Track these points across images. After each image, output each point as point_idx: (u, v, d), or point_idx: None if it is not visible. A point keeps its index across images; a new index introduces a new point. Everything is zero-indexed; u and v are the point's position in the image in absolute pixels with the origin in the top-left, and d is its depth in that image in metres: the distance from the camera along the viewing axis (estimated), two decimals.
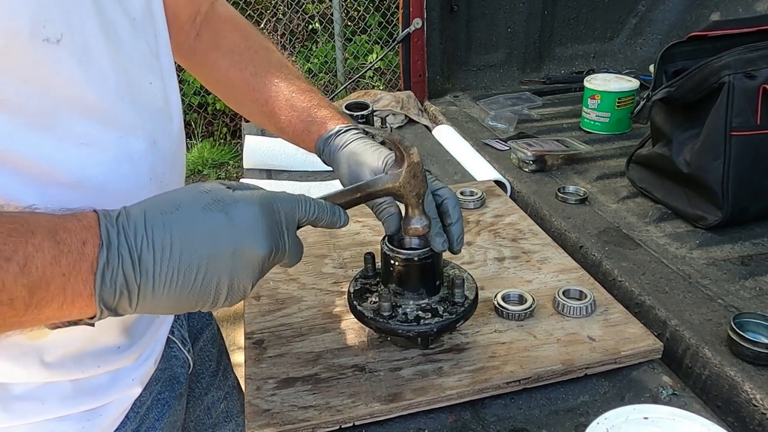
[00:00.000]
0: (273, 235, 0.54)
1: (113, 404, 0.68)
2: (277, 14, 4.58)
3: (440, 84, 1.95)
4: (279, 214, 0.56)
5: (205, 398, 0.93)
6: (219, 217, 0.52)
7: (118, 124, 0.58)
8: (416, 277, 0.75)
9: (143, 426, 0.73)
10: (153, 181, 0.62)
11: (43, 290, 0.45)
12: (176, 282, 0.50)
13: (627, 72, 1.91)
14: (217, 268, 0.51)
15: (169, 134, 0.66)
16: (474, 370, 0.75)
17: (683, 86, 1.10)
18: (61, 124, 0.54)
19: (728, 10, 1.82)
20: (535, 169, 1.36)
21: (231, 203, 0.53)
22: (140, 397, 0.72)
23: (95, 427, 0.66)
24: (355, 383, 0.74)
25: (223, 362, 0.98)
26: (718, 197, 1.05)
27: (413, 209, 0.67)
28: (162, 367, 0.77)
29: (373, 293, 0.79)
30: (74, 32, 0.52)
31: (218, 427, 0.96)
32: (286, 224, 0.57)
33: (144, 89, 0.62)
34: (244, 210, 0.53)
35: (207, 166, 4.01)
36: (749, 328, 0.81)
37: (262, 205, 0.54)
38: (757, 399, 0.74)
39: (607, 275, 1.01)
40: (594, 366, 0.76)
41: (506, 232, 1.07)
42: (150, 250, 0.49)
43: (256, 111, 0.85)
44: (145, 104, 0.62)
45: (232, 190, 0.55)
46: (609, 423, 0.64)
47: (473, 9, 1.91)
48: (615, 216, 1.17)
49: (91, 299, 0.48)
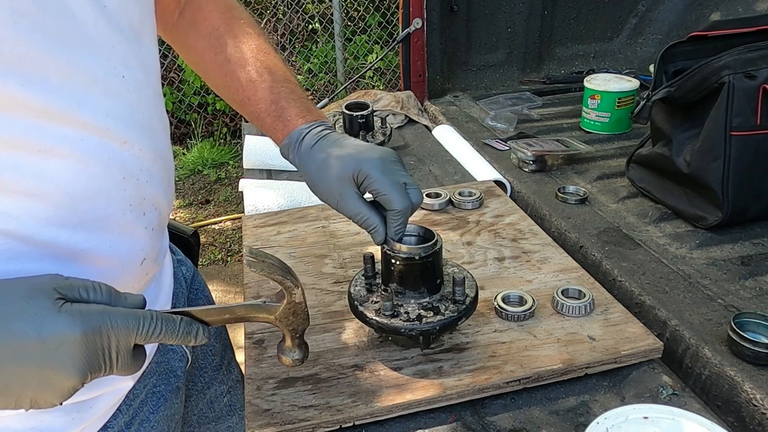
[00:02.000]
0: (91, 360, 0.50)
1: (104, 397, 0.67)
2: (277, 14, 4.58)
3: (440, 84, 1.95)
4: (107, 337, 0.50)
5: (207, 392, 0.93)
6: (31, 334, 0.47)
7: (77, 124, 0.56)
8: (417, 275, 0.75)
9: (137, 418, 0.72)
10: (128, 180, 0.61)
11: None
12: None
13: (627, 72, 1.91)
14: (21, 381, 0.48)
15: (148, 129, 0.64)
16: (474, 369, 0.75)
17: (683, 86, 1.10)
18: (5, 130, 0.51)
19: (728, 10, 1.83)
20: (535, 169, 1.36)
21: (49, 322, 0.48)
22: (133, 390, 0.72)
23: (85, 420, 0.66)
24: (355, 383, 0.74)
25: (227, 357, 0.98)
26: (718, 197, 1.05)
27: (290, 341, 0.65)
28: (158, 360, 0.77)
29: (373, 293, 0.79)
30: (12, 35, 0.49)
31: (221, 421, 0.96)
32: (116, 347, 0.51)
33: (112, 85, 0.59)
34: (60, 332, 0.48)
35: (207, 166, 4.01)
36: (749, 328, 0.81)
37: (86, 329, 0.49)
38: (757, 399, 0.74)
39: (607, 275, 1.01)
40: (594, 365, 0.76)
41: (506, 232, 1.07)
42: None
43: (229, 98, 0.84)
44: (114, 102, 0.59)
45: (62, 303, 0.49)
46: (609, 423, 0.64)
47: (473, 9, 1.91)
48: (615, 216, 1.17)
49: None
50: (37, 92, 0.52)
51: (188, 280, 0.90)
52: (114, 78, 0.59)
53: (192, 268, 0.93)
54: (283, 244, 1.05)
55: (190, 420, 0.91)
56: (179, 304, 0.85)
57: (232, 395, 0.97)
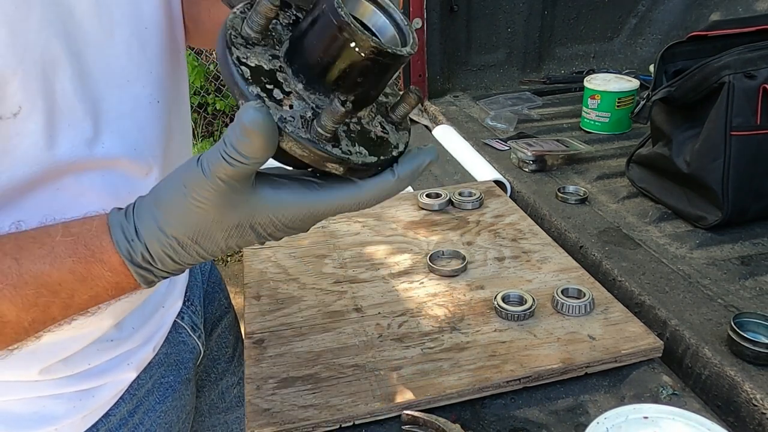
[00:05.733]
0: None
1: (106, 386, 0.68)
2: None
3: (440, 84, 1.95)
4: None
5: (220, 383, 0.95)
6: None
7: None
8: (381, 82, 0.49)
9: (141, 408, 0.73)
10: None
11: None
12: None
13: (627, 72, 1.91)
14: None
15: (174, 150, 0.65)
16: (474, 369, 0.75)
17: (683, 86, 1.09)
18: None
19: (728, 10, 1.82)
20: (535, 169, 1.36)
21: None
22: (138, 380, 0.72)
23: (86, 407, 0.67)
24: (355, 383, 0.74)
25: (239, 349, 1.00)
26: (718, 197, 1.05)
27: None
28: (167, 352, 0.78)
29: (288, 90, 0.46)
30: (34, 98, 0.50)
31: (230, 411, 0.98)
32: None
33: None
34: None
35: None
36: (749, 328, 0.81)
37: None
38: (757, 399, 0.74)
39: (607, 275, 1.01)
40: (594, 365, 0.76)
41: (506, 232, 1.07)
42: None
43: None
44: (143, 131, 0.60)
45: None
46: (609, 422, 0.64)
47: (473, 9, 1.91)
48: (615, 216, 1.17)
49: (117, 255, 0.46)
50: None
51: (205, 273, 0.92)
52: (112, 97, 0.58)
53: (209, 261, 0.94)
54: (283, 244, 1.05)
55: (201, 410, 0.92)
56: (194, 296, 0.86)
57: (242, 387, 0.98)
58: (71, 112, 0.52)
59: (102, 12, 0.54)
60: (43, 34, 0.49)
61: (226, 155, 0.41)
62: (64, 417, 0.65)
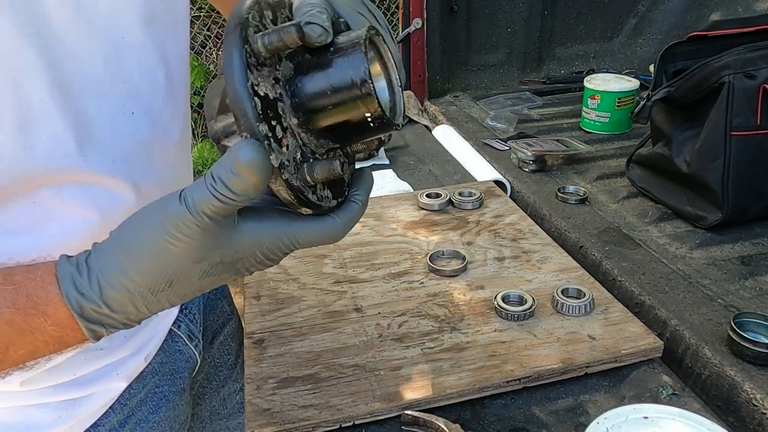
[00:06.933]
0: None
1: (95, 396, 0.67)
2: None
3: (440, 84, 1.95)
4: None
5: (221, 390, 0.94)
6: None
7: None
8: (366, 138, 0.50)
9: (132, 418, 0.72)
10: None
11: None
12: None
13: (627, 72, 1.91)
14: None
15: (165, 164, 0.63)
16: (474, 369, 0.75)
17: (683, 86, 1.10)
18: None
19: (728, 10, 1.82)
20: (535, 169, 1.36)
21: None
22: (129, 390, 0.71)
23: (73, 417, 0.65)
24: (355, 383, 0.74)
25: (242, 355, 0.99)
26: (718, 197, 1.05)
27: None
28: (162, 361, 0.76)
29: (285, 125, 0.44)
30: (3, 107, 0.48)
31: (232, 417, 0.97)
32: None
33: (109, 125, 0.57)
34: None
35: (207, 167, 4.01)
36: (749, 328, 0.81)
37: None
38: (757, 399, 0.74)
39: (607, 275, 1.01)
40: (594, 364, 0.76)
41: (506, 232, 1.07)
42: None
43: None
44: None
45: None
46: (609, 422, 0.64)
47: (473, 9, 1.91)
48: (615, 216, 1.17)
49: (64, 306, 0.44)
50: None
51: None
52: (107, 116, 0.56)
53: None
54: None
55: (201, 416, 0.91)
56: (193, 305, 0.85)
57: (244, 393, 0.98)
58: (49, 122, 0.50)
59: (80, 21, 0.52)
60: (17, 42, 0.47)
61: (215, 191, 0.39)
62: (50, 426, 0.63)
